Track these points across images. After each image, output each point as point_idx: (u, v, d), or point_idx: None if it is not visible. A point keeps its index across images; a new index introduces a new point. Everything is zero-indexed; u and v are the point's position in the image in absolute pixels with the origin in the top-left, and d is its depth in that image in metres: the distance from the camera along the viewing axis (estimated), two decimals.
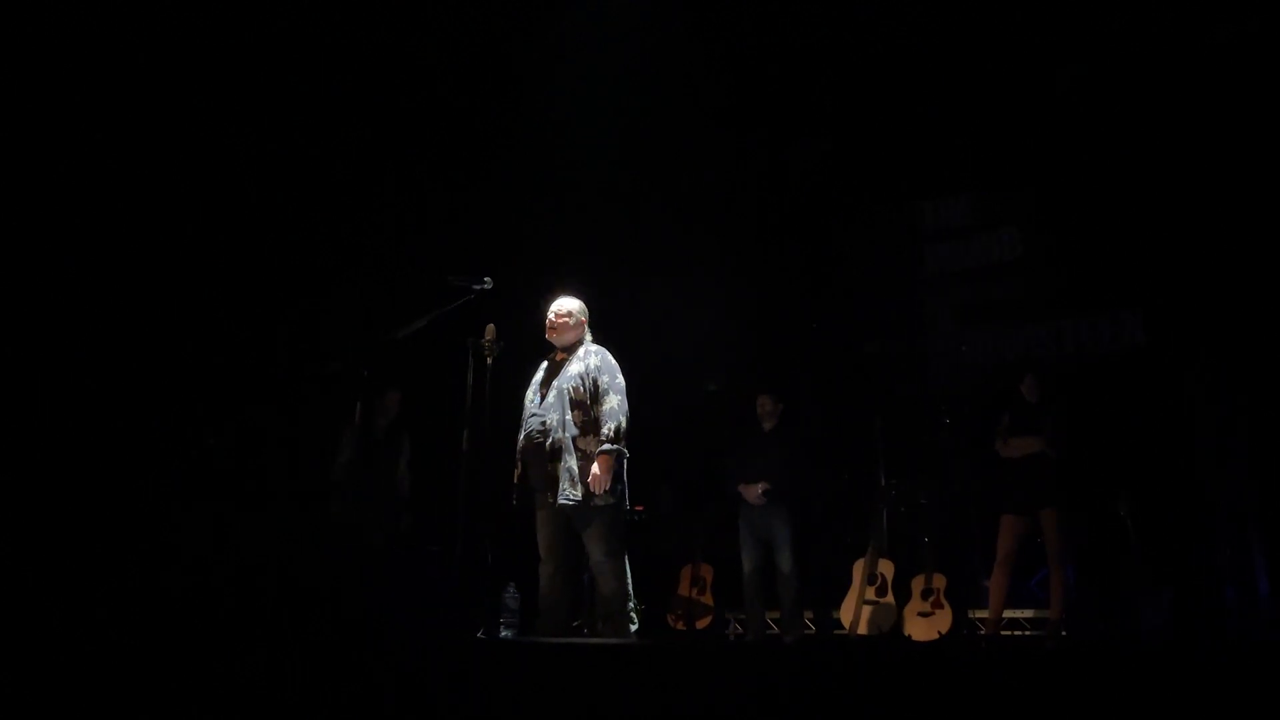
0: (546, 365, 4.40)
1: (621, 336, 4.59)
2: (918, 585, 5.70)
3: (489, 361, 4.21)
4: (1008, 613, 5.59)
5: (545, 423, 4.18)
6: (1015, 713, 2.21)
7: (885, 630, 5.64)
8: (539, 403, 4.26)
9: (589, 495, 4.05)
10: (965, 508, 6.30)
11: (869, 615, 5.70)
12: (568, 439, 4.13)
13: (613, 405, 4.14)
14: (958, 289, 7.36)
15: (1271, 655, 2.30)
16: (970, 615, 5.81)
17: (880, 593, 5.75)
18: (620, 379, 4.24)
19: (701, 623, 6.37)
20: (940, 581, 5.64)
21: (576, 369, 4.25)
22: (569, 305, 4.40)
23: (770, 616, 6.15)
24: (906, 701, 2.28)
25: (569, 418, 4.15)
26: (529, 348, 4.56)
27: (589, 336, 4.41)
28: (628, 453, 4.17)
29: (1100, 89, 6.56)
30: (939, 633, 5.51)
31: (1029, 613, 5.88)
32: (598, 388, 4.19)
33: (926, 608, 5.62)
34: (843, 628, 5.85)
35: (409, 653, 2.77)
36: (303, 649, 2.83)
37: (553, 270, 5.24)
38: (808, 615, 6.20)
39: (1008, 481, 5.29)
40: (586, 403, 4.18)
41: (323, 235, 6.67)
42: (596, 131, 7.01)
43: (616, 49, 6.75)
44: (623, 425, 4.13)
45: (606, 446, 4.06)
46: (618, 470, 4.11)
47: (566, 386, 4.20)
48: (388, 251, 6.82)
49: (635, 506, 4.55)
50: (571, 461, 4.10)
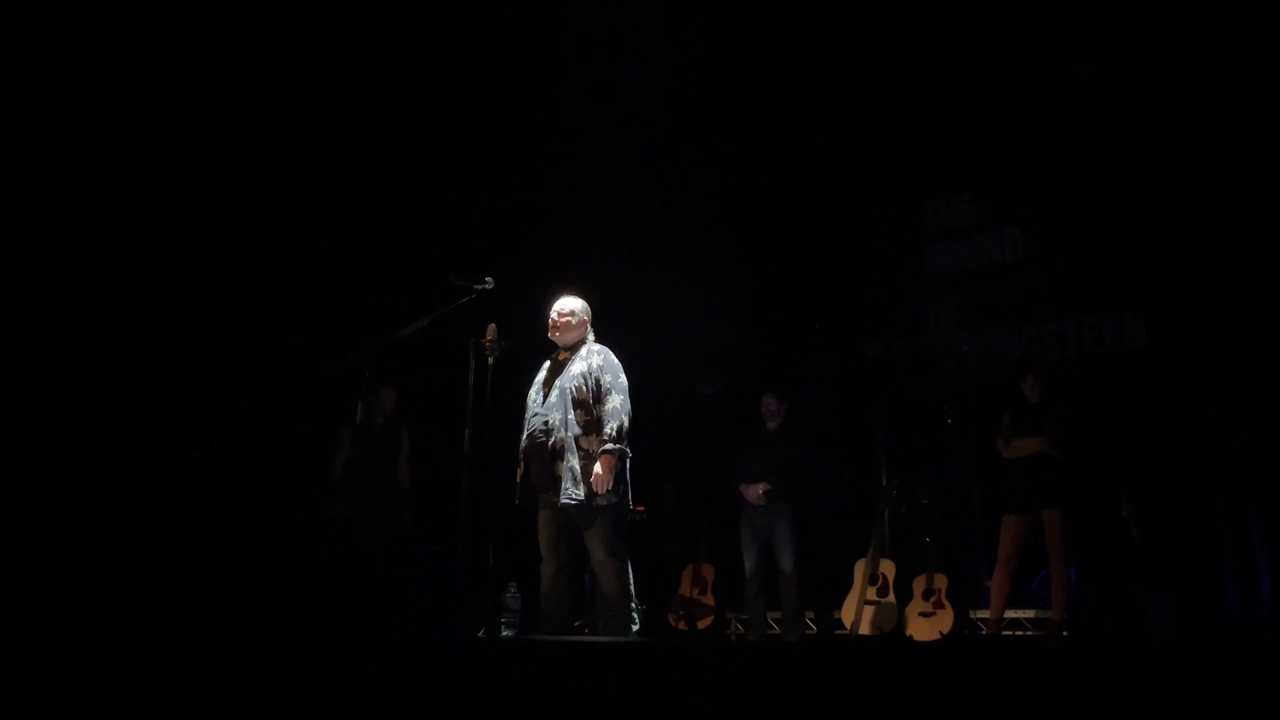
0: (549, 364, 4.40)
1: (623, 336, 4.60)
2: (919, 585, 5.69)
3: (490, 361, 4.21)
4: (1009, 613, 5.59)
5: (548, 422, 4.18)
6: (1016, 713, 2.21)
7: (886, 630, 5.64)
8: (541, 402, 4.26)
9: (591, 495, 4.05)
10: (967, 508, 6.30)
11: (870, 615, 5.69)
12: (570, 438, 4.13)
13: (615, 405, 4.14)
14: (961, 289, 7.35)
15: (1274, 655, 2.30)
16: (972, 615, 5.81)
17: (882, 593, 5.74)
18: (623, 378, 4.24)
19: (703, 623, 6.37)
20: (942, 582, 5.64)
21: (579, 368, 4.24)
22: (571, 304, 4.40)
23: (771, 616, 6.16)
24: (908, 702, 2.28)
25: (571, 417, 4.15)
26: (530, 347, 4.56)
27: (591, 336, 4.41)
28: (630, 452, 4.17)
29: (1106, 88, 6.55)
30: (940, 633, 5.50)
31: (1030, 613, 5.88)
32: (600, 387, 4.19)
33: (928, 608, 5.61)
34: (844, 628, 5.85)
35: (410, 652, 2.77)
36: (304, 649, 2.84)
37: (555, 270, 5.24)
38: (809, 615, 6.20)
39: (1009, 481, 5.29)
40: (589, 402, 4.18)
41: (325, 235, 6.67)
42: (600, 132, 7.01)
43: (621, 47, 6.75)
44: (625, 425, 4.13)
45: (609, 446, 4.06)
46: (620, 470, 4.11)
47: (569, 386, 4.20)
48: (390, 251, 6.82)
49: (637, 506, 4.55)
50: (574, 461, 4.09)
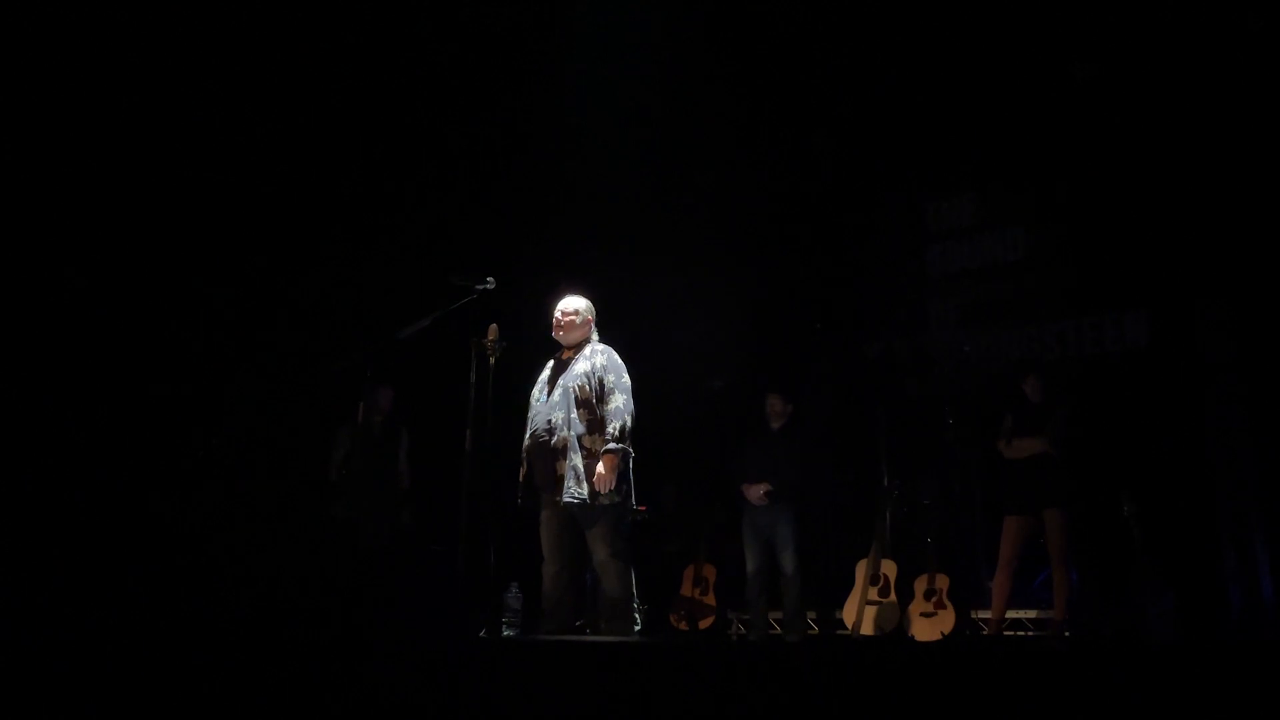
0: (553, 363, 4.40)
1: (624, 336, 4.59)
2: (920, 585, 5.69)
3: (492, 361, 4.21)
4: (1011, 613, 5.59)
5: (551, 421, 4.18)
6: (1018, 713, 2.21)
7: (888, 631, 5.63)
8: (545, 401, 4.26)
9: (594, 494, 4.05)
10: (968, 508, 6.30)
11: (872, 616, 5.69)
12: (573, 437, 4.12)
13: (618, 404, 4.14)
14: (962, 289, 7.35)
15: (1275, 655, 2.30)
16: (973, 616, 5.80)
17: (883, 593, 5.74)
18: (626, 378, 4.24)
19: (704, 623, 6.36)
20: (943, 582, 5.63)
21: (583, 367, 4.25)
22: (576, 304, 4.41)
23: (773, 617, 6.15)
24: (909, 702, 2.28)
25: (574, 416, 4.15)
26: (532, 347, 4.56)
27: (596, 335, 4.41)
28: (633, 452, 4.17)
29: (1107, 88, 6.54)
30: (942, 633, 5.50)
31: (1032, 613, 5.87)
32: (603, 386, 4.19)
33: (929, 608, 5.61)
34: (845, 628, 5.85)
35: (412, 652, 2.78)
36: (304, 649, 2.84)
37: (556, 270, 5.24)
38: (810, 615, 6.19)
39: (1011, 482, 5.29)
40: (592, 401, 4.18)
41: (326, 235, 6.68)
42: (600, 132, 7.01)
43: (621, 47, 6.75)
44: (628, 424, 4.13)
45: (612, 445, 4.06)
46: (623, 470, 4.11)
47: (572, 385, 4.20)
48: (391, 251, 6.82)
49: (638, 506, 4.55)
50: (577, 459, 4.09)
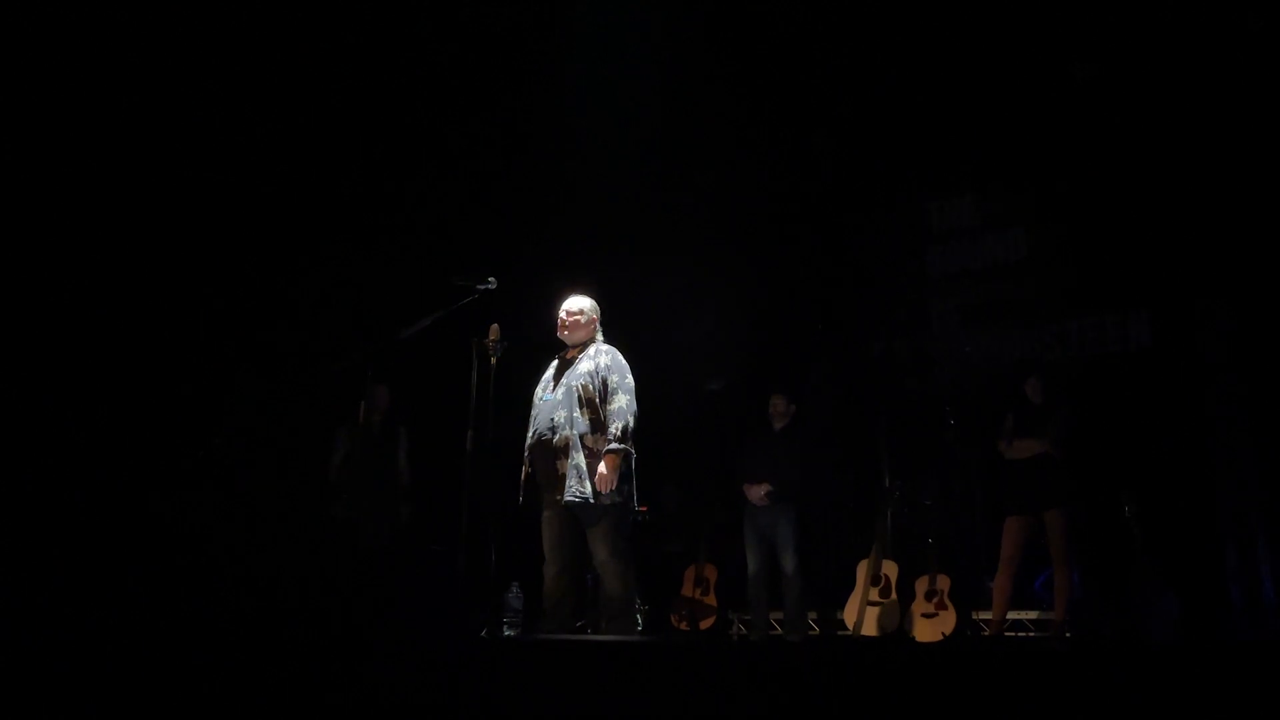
0: (557, 362, 4.40)
1: (626, 336, 4.59)
2: (922, 586, 5.69)
3: (493, 361, 4.21)
4: (1012, 614, 5.59)
5: (554, 420, 4.18)
6: (1019, 714, 2.21)
7: (889, 631, 5.64)
8: (548, 400, 4.26)
9: (596, 493, 4.05)
10: (969, 509, 6.30)
11: (873, 616, 5.69)
12: (575, 436, 4.12)
13: (621, 404, 4.14)
14: (963, 289, 7.34)
15: (1276, 656, 2.29)
16: (974, 616, 5.80)
17: (884, 594, 5.74)
18: (630, 379, 4.24)
19: (705, 623, 6.37)
20: (944, 582, 5.63)
21: (586, 367, 4.25)
22: (581, 303, 4.41)
23: (774, 617, 6.15)
24: (910, 703, 2.28)
25: (577, 415, 4.15)
26: (533, 348, 4.56)
27: (600, 335, 4.41)
28: (635, 452, 4.17)
29: (1108, 88, 6.54)
30: (943, 634, 5.50)
31: (1033, 614, 5.87)
32: (607, 386, 4.18)
33: (930, 609, 5.61)
34: (846, 629, 5.85)
35: (412, 652, 2.78)
36: (304, 649, 2.84)
37: (557, 270, 5.24)
38: (811, 616, 6.19)
39: (1012, 483, 5.29)
40: (596, 401, 4.18)
41: (327, 235, 6.68)
42: (601, 132, 7.00)
43: (621, 47, 6.75)
44: (630, 425, 4.12)
45: (614, 445, 4.06)
46: (625, 470, 4.10)
47: (576, 384, 4.20)
48: (392, 252, 6.82)
49: (639, 507, 4.54)
50: (579, 458, 4.09)
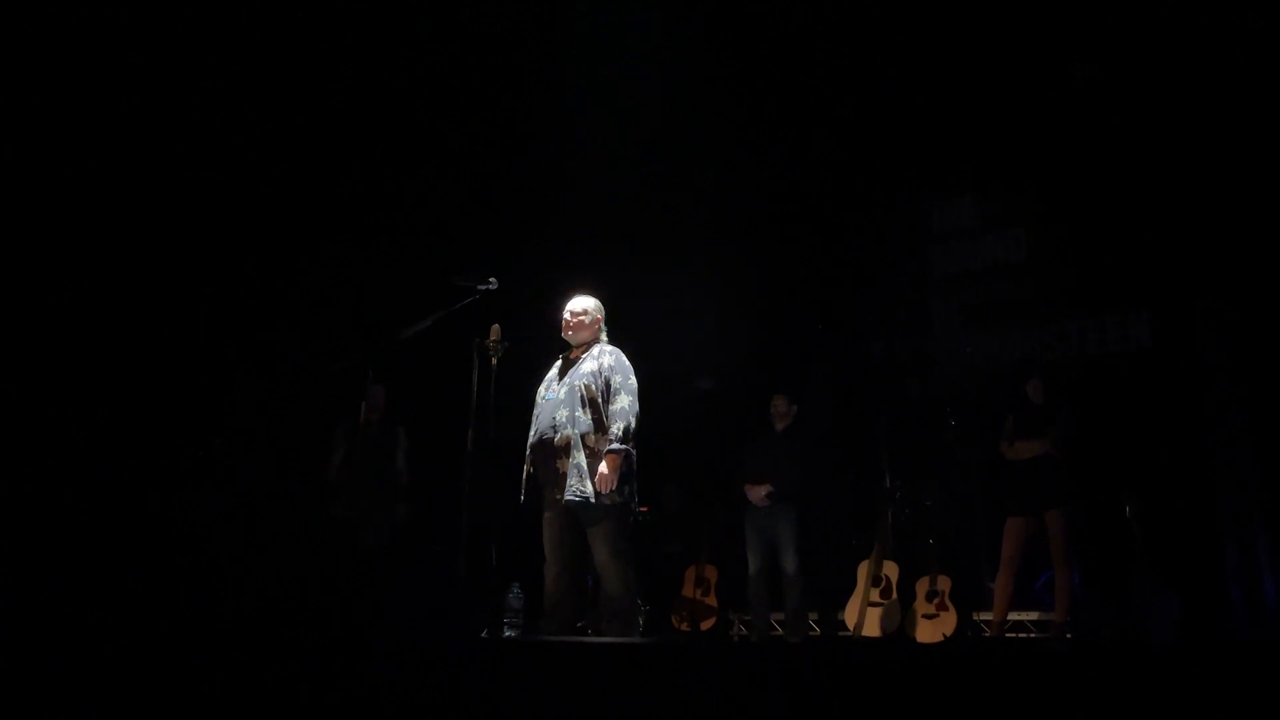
0: (560, 362, 4.41)
1: (628, 336, 4.59)
2: (922, 587, 5.69)
3: (494, 362, 4.21)
4: (1012, 615, 5.59)
5: (556, 419, 4.18)
6: (1019, 715, 2.21)
7: (890, 632, 5.63)
8: (551, 399, 4.27)
9: (597, 493, 4.05)
10: (970, 509, 6.29)
11: (874, 617, 5.69)
12: (576, 435, 4.12)
13: (623, 405, 4.13)
14: (964, 290, 7.35)
15: (1277, 656, 2.29)
16: (975, 617, 5.80)
17: (885, 594, 5.74)
18: (633, 380, 4.24)
19: (705, 624, 6.36)
20: (945, 583, 5.63)
21: (590, 367, 4.25)
22: (585, 304, 4.41)
23: (775, 618, 6.15)
24: (910, 704, 2.27)
25: (579, 414, 4.15)
26: (534, 348, 4.56)
27: (605, 336, 4.41)
28: (635, 453, 4.17)
29: (1109, 88, 6.54)
30: (943, 635, 5.50)
31: (1034, 615, 5.87)
32: (610, 387, 4.18)
33: (931, 609, 5.61)
34: (847, 629, 5.85)
35: (412, 652, 2.77)
36: (304, 649, 2.84)
37: (558, 271, 5.24)
38: (812, 617, 6.19)
39: (1013, 483, 5.29)
40: (598, 400, 4.18)
41: (328, 236, 6.68)
42: (602, 132, 7.00)
43: (621, 47, 6.75)
44: (632, 425, 4.12)
45: (615, 445, 4.06)
46: (626, 471, 4.10)
47: (579, 384, 4.20)
48: (392, 252, 6.82)
49: (640, 507, 4.55)
50: (580, 458, 4.09)
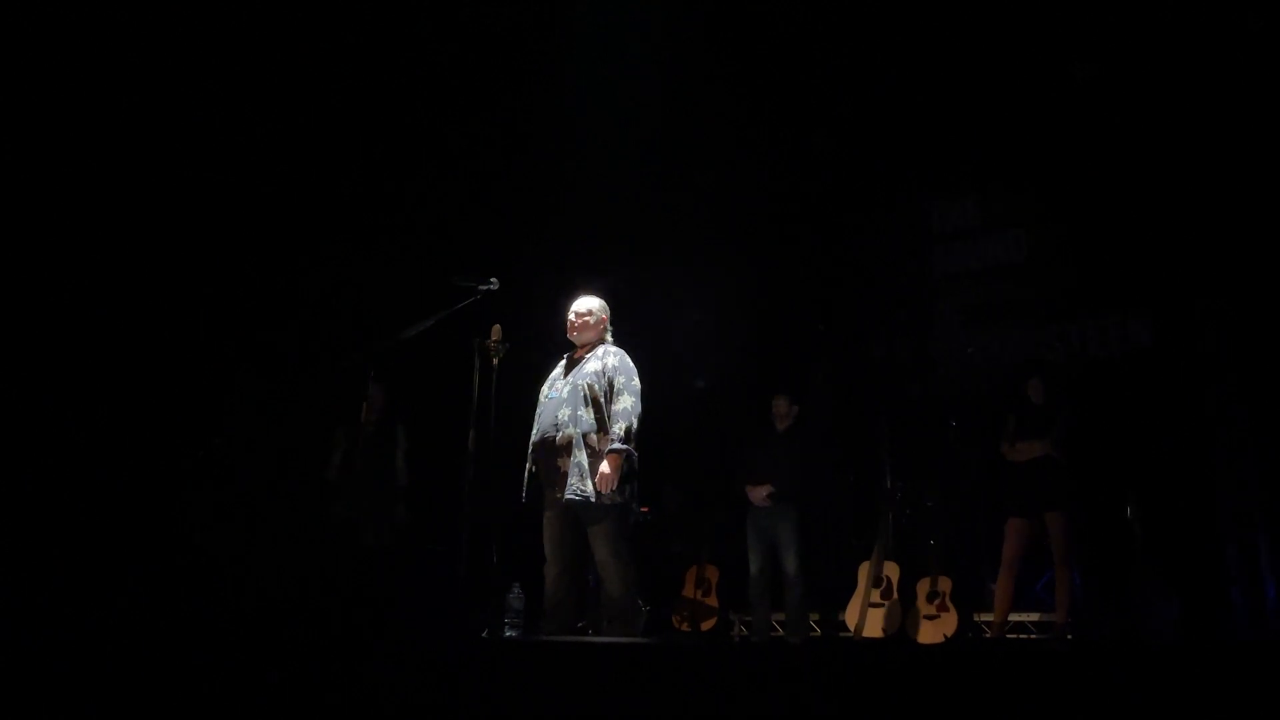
0: (565, 361, 4.41)
1: (628, 336, 4.59)
2: (923, 588, 5.68)
3: (495, 362, 4.21)
4: (1013, 616, 5.58)
5: (558, 417, 4.18)
6: (1020, 716, 2.21)
7: (890, 633, 5.63)
8: (553, 397, 4.27)
9: (597, 493, 4.05)
10: (971, 510, 6.29)
11: (874, 618, 5.69)
12: (578, 434, 4.12)
13: (626, 405, 4.14)
14: (965, 290, 7.34)
15: (1277, 657, 2.29)
16: (976, 618, 5.79)
17: (886, 595, 5.73)
18: (636, 382, 4.24)
19: (706, 624, 6.36)
20: (946, 584, 5.63)
21: (594, 367, 4.26)
22: (589, 304, 4.42)
23: (775, 618, 6.15)
24: (911, 704, 2.27)
25: (582, 414, 4.15)
26: (535, 348, 4.56)
27: (610, 337, 4.42)
28: (637, 454, 4.17)
29: (1110, 89, 6.54)
30: (944, 635, 5.49)
31: (1035, 616, 5.87)
32: (613, 387, 4.19)
33: (932, 610, 5.60)
34: (848, 630, 5.84)
35: (413, 653, 2.78)
36: (304, 649, 2.84)
37: (560, 272, 5.25)
38: (813, 617, 6.19)
39: (1014, 484, 5.28)
40: (601, 400, 4.18)
41: (329, 236, 6.68)
42: (603, 132, 7.00)
43: (622, 47, 6.75)
44: (634, 426, 4.12)
45: (616, 445, 4.06)
46: (627, 471, 4.10)
47: (582, 383, 4.21)
48: (393, 252, 6.83)
49: (641, 508, 4.55)
50: (582, 457, 4.09)
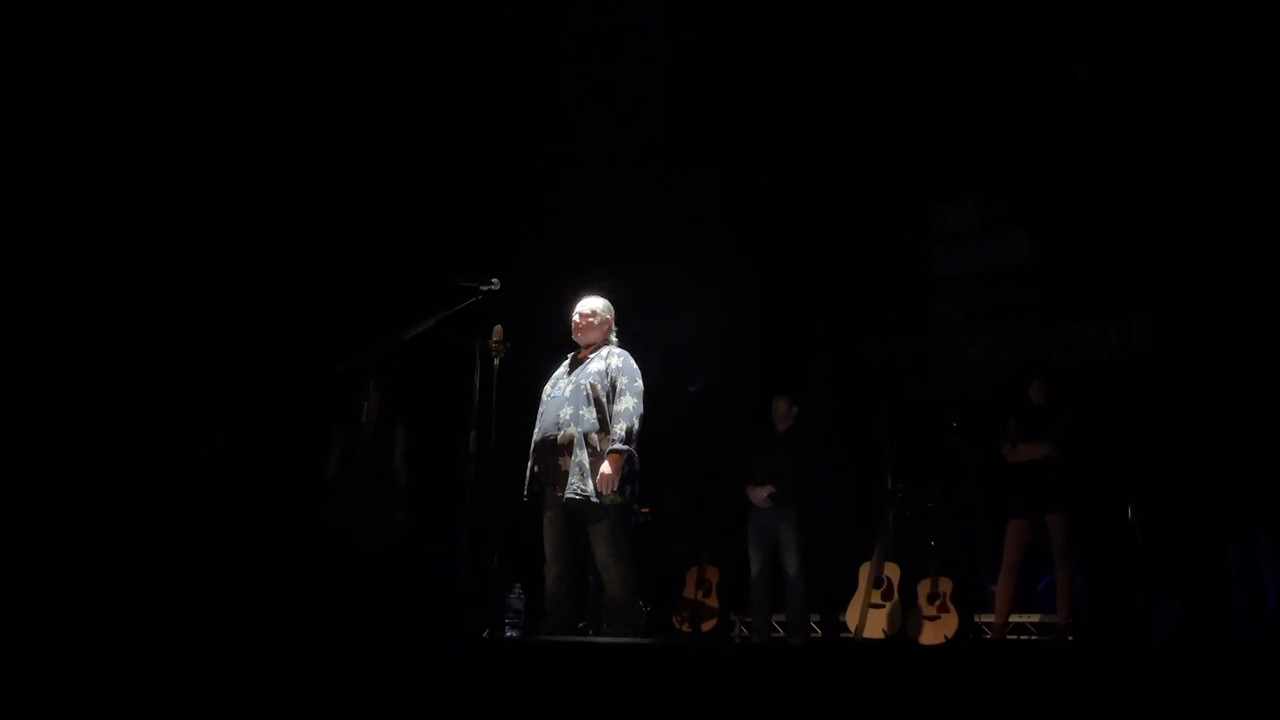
0: (568, 361, 4.42)
1: (629, 336, 4.59)
2: (924, 589, 5.69)
3: (496, 362, 4.21)
4: (1014, 617, 5.58)
5: (560, 417, 4.18)
6: (1020, 717, 2.21)
7: (891, 634, 5.63)
8: (556, 397, 4.27)
9: (598, 493, 4.05)
10: (972, 512, 6.29)
11: (875, 619, 5.69)
12: (579, 434, 4.12)
13: (628, 406, 4.13)
14: (966, 292, 7.34)
15: (1277, 658, 2.29)
16: (976, 619, 5.79)
17: (886, 596, 5.73)
18: (639, 383, 4.24)
19: (706, 625, 6.36)
20: (946, 585, 5.63)
21: (597, 367, 4.26)
22: (593, 304, 4.42)
23: (776, 619, 6.15)
24: (911, 705, 2.27)
25: (584, 413, 4.15)
26: (536, 348, 4.56)
27: (614, 337, 4.42)
28: (637, 455, 4.17)
29: (1112, 91, 6.54)
30: (945, 637, 5.49)
31: (1035, 617, 5.87)
32: (615, 387, 4.19)
33: (933, 611, 5.60)
34: (849, 631, 5.84)
35: (413, 653, 2.78)
36: (304, 649, 2.84)
37: (561, 272, 5.25)
38: (813, 618, 6.19)
39: (1015, 486, 5.28)
40: (603, 400, 4.18)
41: (329, 236, 6.68)
42: (603, 133, 7.00)
43: (622, 47, 6.75)
44: (635, 427, 4.12)
45: (617, 446, 4.05)
46: (628, 471, 4.10)
47: (585, 383, 4.21)
48: (394, 252, 6.83)
49: (642, 508, 4.55)
50: (583, 456, 4.09)
